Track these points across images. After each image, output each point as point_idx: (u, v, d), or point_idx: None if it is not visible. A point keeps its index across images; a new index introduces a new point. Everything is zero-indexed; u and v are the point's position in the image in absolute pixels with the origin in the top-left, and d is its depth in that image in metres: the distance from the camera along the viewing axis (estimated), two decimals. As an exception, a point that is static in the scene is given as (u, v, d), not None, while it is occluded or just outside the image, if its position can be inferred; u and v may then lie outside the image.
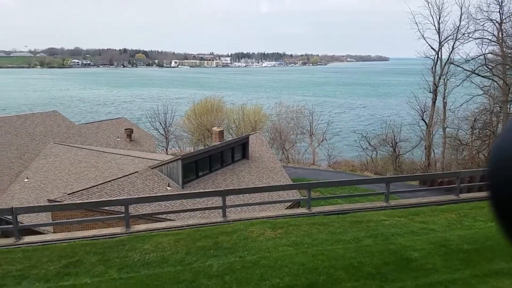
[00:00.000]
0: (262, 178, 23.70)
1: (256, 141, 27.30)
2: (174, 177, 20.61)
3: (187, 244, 8.80)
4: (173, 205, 17.73)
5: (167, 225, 10.33)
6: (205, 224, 10.15)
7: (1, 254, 8.60)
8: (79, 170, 26.00)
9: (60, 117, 36.22)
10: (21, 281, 7.47)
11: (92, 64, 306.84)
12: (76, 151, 28.67)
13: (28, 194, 25.30)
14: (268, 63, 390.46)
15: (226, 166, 23.23)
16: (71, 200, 16.84)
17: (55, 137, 32.52)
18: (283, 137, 47.55)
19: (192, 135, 48.42)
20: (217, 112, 47.17)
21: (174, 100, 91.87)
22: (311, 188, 12.09)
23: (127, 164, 24.95)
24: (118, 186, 19.13)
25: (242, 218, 10.56)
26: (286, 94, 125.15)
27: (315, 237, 9.46)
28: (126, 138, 36.31)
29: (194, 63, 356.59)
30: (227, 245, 8.83)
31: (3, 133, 30.63)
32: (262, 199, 17.36)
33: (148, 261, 8.05)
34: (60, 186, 24.75)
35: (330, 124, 52.08)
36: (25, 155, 29.58)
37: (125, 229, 9.80)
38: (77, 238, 9.42)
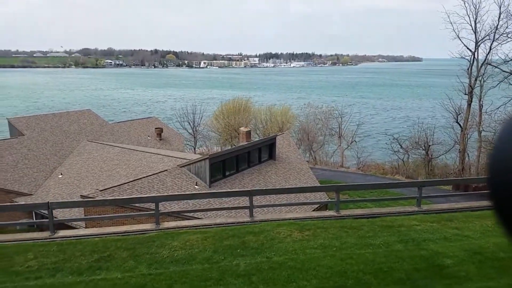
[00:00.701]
0: (289, 179, 23.60)
1: (283, 142, 27.21)
2: (201, 176, 20.86)
3: (214, 242, 8.86)
4: (201, 204, 17.94)
5: (195, 223, 10.45)
6: (232, 223, 10.20)
7: (37, 247, 8.95)
8: (111, 167, 26.76)
9: (94, 116, 37.44)
10: (55, 273, 7.74)
11: (124, 64, 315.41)
12: (109, 149, 29.52)
13: (62, 190, 26.27)
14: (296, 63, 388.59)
15: (253, 167, 23.29)
16: (103, 196, 17.35)
17: (88, 135, 33.63)
18: (311, 138, 47.13)
19: (220, 135, 48.84)
20: (244, 113, 47.36)
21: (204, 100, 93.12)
22: (339, 190, 11.90)
23: (156, 162, 25.46)
24: (148, 183, 19.55)
25: (269, 219, 10.54)
26: (315, 94, 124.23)
27: (343, 240, 9.31)
28: (156, 137, 37.09)
29: (222, 63, 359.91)
30: (254, 245, 8.83)
31: (40, 130, 31.99)
32: (289, 200, 17.29)
33: (176, 258, 8.17)
34: (93, 182, 25.56)
35: (360, 126, 51.11)
36: (60, 152, 30.75)
37: (155, 226, 9.99)
38: (109, 233, 9.69)
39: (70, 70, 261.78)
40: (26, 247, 8.90)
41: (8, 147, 28.92)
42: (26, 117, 34.44)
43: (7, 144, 29.20)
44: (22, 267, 8.02)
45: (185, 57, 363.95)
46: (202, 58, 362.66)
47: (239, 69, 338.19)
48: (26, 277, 7.64)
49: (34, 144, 30.26)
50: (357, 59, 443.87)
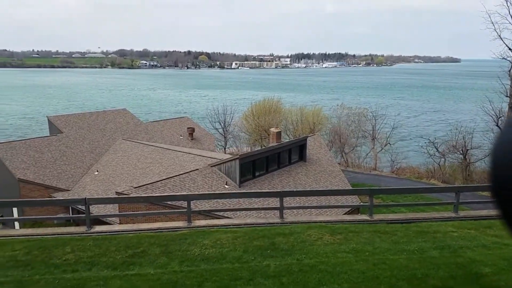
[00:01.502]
0: (320, 181, 23.33)
1: (314, 143, 26.95)
2: (231, 175, 21.00)
3: (244, 242, 8.88)
4: (230, 203, 18.05)
5: (225, 222, 10.53)
6: (262, 224, 10.19)
7: (74, 241, 9.29)
8: (145, 165, 27.45)
9: (129, 115, 38.55)
10: (91, 267, 8.01)
11: (159, 65, 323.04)
12: (143, 147, 30.30)
13: (98, 186, 27.20)
14: (329, 64, 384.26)
15: (283, 168, 23.20)
16: (136, 193, 17.81)
17: (123, 134, 34.65)
18: (343, 140, 46.32)
19: (250, 136, 48.99)
20: (275, 113, 47.21)
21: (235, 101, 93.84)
22: (373, 194, 11.64)
23: (188, 161, 25.88)
24: (180, 182, 19.90)
25: (300, 221, 10.45)
26: (349, 96, 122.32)
27: (376, 245, 9.10)
28: (188, 136, 37.71)
29: (253, 64, 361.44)
30: (284, 246, 8.78)
31: (77, 128, 33.28)
32: (319, 202, 17.08)
33: (207, 256, 8.25)
34: (127, 179, 26.31)
35: (395, 128, 49.66)
36: (96, 149, 31.86)
37: (187, 224, 10.14)
38: (142, 230, 9.92)
39: (107, 71, 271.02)
40: (64, 241, 9.26)
41: (47, 144, 30.26)
42: (65, 116, 35.93)
43: (47, 142, 30.57)
44: (60, 260, 8.35)
45: (217, 58, 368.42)
46: (233, 59, 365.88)
47: (270, 69, 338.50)
48: (64, 269, 7.94)
49: (72, 142, 31.50)
50: (392, 59, 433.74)
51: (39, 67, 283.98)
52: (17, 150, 28.33)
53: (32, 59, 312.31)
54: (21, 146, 28.96)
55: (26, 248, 8.86)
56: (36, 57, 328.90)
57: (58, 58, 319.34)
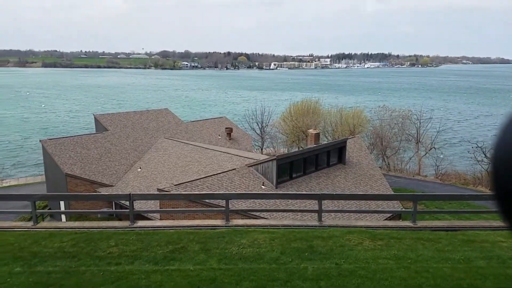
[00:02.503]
0: (359, 185, 22.80)
1: (354, 146, 26.39)
2: (268, 176, 21.00)
3: (282, 243, 8.85)
4: (267, 204, 18.06)
5: (263, 222, 10.53)
6: (300, 226, 10.10)
7: (118, 235, 9.66)
8: (184, 164, 28.08)
9: (171, 115, 39.60)
10: (134, 261, 8.28)
11: (199, 66, 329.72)
12: (183, 146, 31.01)
13: (140, 183, 28.14)
14: (371, 64, 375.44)
15: (320, 170, 22.90)
16: (176, 190, 18.24)
17: (165, 133, 35.63)
18: (385, 143, 44.91)
19: (287, 137, 48.74)
20: (313, 114, 46.62)
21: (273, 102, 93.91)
22: (417, 200, 11.20)
23: (226, 161, 26.18)
24: (217, 181, 20.17)
25: (339, 225, 10.26)
26: (393, 97, 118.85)
27: (419, 252, 8.77)
28: (226, 136, 38.15)
29: (292, 65, 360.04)
30: (322, 250, 8.66)
31: (122, 127, 34.60)
32: (359, 207, 16.69)
33: (245, 255, 8.30)
34: (168, 177, 27.03)
35: (441, 132, 47.49)
36: (139, 147, 32.97)
37: (225, 222, 10.25)
38: (182, 226, 10.14)
39: (150, 71, 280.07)
40: (109, 235, 9.65)
41: (94, 141, 31.69)
42: (110, 114, 37.47)
43: (93, 139, 32.02)
44: (104, 252, 8.70)
45: (256, 58, 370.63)
46: (272, 60, 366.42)
47: (309, 70, 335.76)
48: (108, 262, 8.27)
49: (116, 139, 32.80)
50: (438, 60, 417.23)
51: (86, 67, 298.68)
52: (66, 146, 29.88)
53: (80, 59, 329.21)
54: (69, 142, 30.52)
55: (73, 240, 9.32)
56: (84, 57, 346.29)
57: (104, 58, 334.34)
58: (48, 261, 8.29)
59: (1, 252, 8.81)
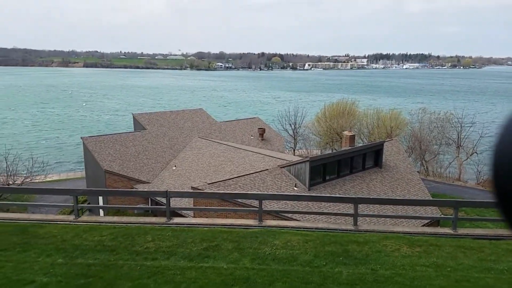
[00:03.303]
0: (396, 190, 22.16)
1: (392, 149, 25.69)
2: (301, 178, 20.83)
3: (316, 246, 8.75)
4: (299, 205, 17.94)
5: (296, 224, 10.45)
6: (335, 229, 9.94)
7: (155, 231, 9.89)
8: (218, 163, 28.41)
9: (205, 115, 40.22)
10: (169, 256, 8.46)
11: (233, 67, 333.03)
12: (216, 146, 31.40)
13: (175, 180, 28.74)
14: (410, 65, 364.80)
15: (355, 173, 22.45)
16: (210, 189, 18.49)
17: (199, 132, 36.23)
18: (423, 147, 43.28)
19: (321, 138, 48.14)
20: (348, 116, 45.74)
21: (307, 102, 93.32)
22: (459, 206, 10.74)
23: (258, 161, 26.24)
24: (250, 181, 20.26)
25: (375, 230, 10.01)
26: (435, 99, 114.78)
27: (460, 261, 8.40)
28: (258, 136, 38.25)
29: (327, 65, 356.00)
30: (358, 255, 8.48)
31: (159, 126, 35.50)
32: (395, 212, 16.20)
33: (278, 256, 8.27)
34: (201, 175, 27.45)
35: (484, 137, 45.29)
36: (174, 146, 33.69)
37: (258, 222, 10.27)
38: (216, 224, 10.25)
39: (185, 72, 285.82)
40: (146, 230, 9.91)
41: (132, 139, 32.71)
42: (148, 113, 38.56)
43: (131, 137, 33.06)
44: (141, 247, 8.94)
45: (290, 59, 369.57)
46: (307, 60, 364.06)
47: (345, 70, 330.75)
48: (145, 257, 8.49)
49: (153, 138, 33.69)
50: (481, 61, 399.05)
51: (125, 67, 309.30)
52: (105, 144, 31.02)
53: (119, 60, 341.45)
54: (109, 140, 31.66)
55: (112, 235, 9.65)
56: (123, 58, 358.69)
57: (143, 59, 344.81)
58: (88, 253, 8.63)
59: (45, 243, 9.25)
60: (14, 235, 9.71)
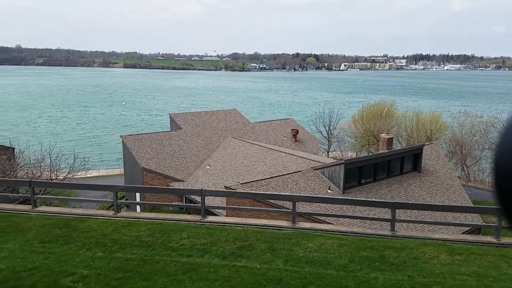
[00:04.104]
0: (435, 195, 21.35)
1: (431, 153, 24.79)
2: (335, 180, 20.52)
3: (350, 251, 8.59)
4: (333, 209, 17.65)
5: (331, 228, 10.31)
6: (371, 234, 9.72)
7: (190, 228, 10.08)
8: (250, 163, 28.55)
9: (239, 115, 40.53)
10: (204, 254, 8.59)
11: (267, 68, 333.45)
12: (249, 146, 31.55)
13: (209, 179, 29.15)
14: (451, 66, 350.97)
15: (392, 177, 21.83)
16: (243, 189, 18.59)
17: (233, 132, 36.55)
18: (465, 152, 41.39)
19: (356, 140, 47.21)
20: (386, 118, 44.55)
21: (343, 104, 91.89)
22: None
23: (291, 162, 26.12)
24: (282, 182, 20.19)
25: (413, 236, 9.70)
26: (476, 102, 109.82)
27: (503, 271, 7.99)
28: (291, 138, 38.07)
29: (364, 65, 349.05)
30: (394, 261, 8.25)
31: (194, 125, 36.14)
32: (434, 218, 15.64)
33: (311, 259, 8.19)
34: (234, 175, 27.67)
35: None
36: (208, 145, 34.18)
37: (291, 224, 10.22)
38: (249, 224, 10.30)
39: (220, 73, 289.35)
40: (181, 227, 10.12)
41: (168, 138, 33.50)
42: (184, 113, 39.36)
43: (168, 136, 33.87)
44: (177, 244, 9.14)
45: (325, 59, 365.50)
46: (343, 61, 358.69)
47: (383, 71, 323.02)
48: (180, 253, 8.67)
49: (188, 137, 34.35)
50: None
51: (163, 68, 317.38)
52: (143, 142, 31.96)
53: (157, 61, 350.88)
54: (147, 138, 32.60)
55: (149, 230, 9.92)
56: (161, 59, 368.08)
57: (179, 60, 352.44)
58: (127, 248, 8.91)
59: (85, 237, 9.65)
60: (57, 228, 10.20)
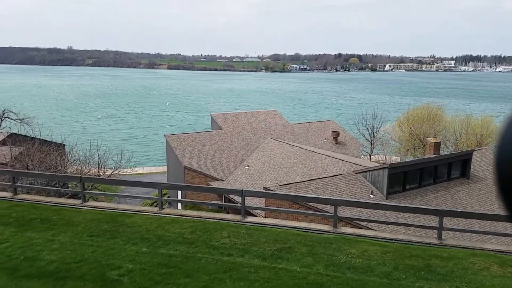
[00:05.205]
0: (485, 203, 20.20)
1: (481, 159, 23.50)
2: (378, 185, 19.95)
3: (395, 258, 8.32)
4: (375, 214, 17.16)
5: (374, 234, 10.03)
6: (417, 242, 9.35)
7: (230, 228, 10.20)
8: (289, 165, 28.42)
9: (278, 116, 40.50)
10: (243, 254, 8.65)
11: (308, 68, 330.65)
12: (288, 147, 31.42)
13: (247, 180, 29.34)
14: (504, 68, 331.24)
15: (439, 183, 20.89)
16: (281, 191, 18.52)
17: (272, 133, 36.56)
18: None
19: (401, 144, 45.63)
20: (434, 121, 42.69)
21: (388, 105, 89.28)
22: None
23: (331, 165, 25.70)
24: (322, 185, 19.90)
25: (462, 245, 9.23)
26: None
27: None
28: (332, 140, 37.48)
29: (410, 66, 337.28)
30: (441, 270, 7.90)
31: (234, 126, 36.54)
32: (483, 227, 14.82)
33: (354, 265, 8.02)
34: (272, 176, 27.67)
35: None
36: (248, 146, 34.42)
37: (332, 229, 10.05)
38: (289, 226, 10.25)
39: (261, 74, 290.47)
40: (222, 226, 10.26)
41: (209, 138, 34.11)
42: (224, 114, 39.92)
43: (209, 136, 34.48)
44: (218, 242, 9.27)
45: (369, 60, 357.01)
46: (387, 61, 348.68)
47: (430, 72, 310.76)
48: (221, 252, 8.79)
49: (228, 138, 34.78)
50: None
51: (205, 69, 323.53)
52: (185, 142, 32.76)
53: (200, 63, 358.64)
54: (189, 138, 33.39)
55: (191, 228, 10.14)
56: (204, 60, 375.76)
57: (221, 62, 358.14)
58: (170, 244, 9.16)
59: (131, 232, 10.02)
60: (105, 223, 10.67)
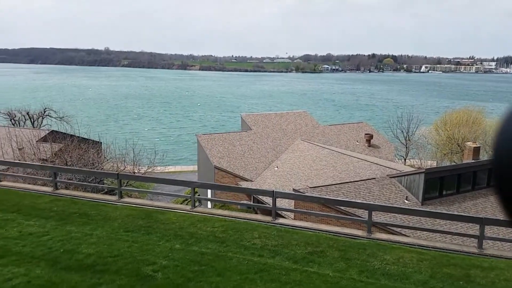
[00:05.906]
0: (527, 212, 19.16)
1: (524, 166, 22.29)
2: (413, 190, 19.36)
3: (432, 266, 8.03)
4: (410, 220, 16.65)
5: (410, 240, 9.73)
6: (455, 251, 8.98)
7: (261, 228, 10.18)
8: (319, 167, 28.09)
9: (308, 117, 40.15)
10: (274, 255, 8.61)
11: (340, 69, 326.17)
12: (318, 149, 31.07)
13: (276, 181, 29.25)
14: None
15: (478, 190, 20.02)
16: (311, 193, 18.32)
17: (302, 135, 36.29)
18: None
19: (438, 149, 44.12)
20: (473, 125, 41.02)
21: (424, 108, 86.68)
22: None
23: (363, 168, 25.19)
24: (354, 189, 19.54)
25: (503, 256, 8.78)
26: None
27: None
28: (365, 142, 36.75)
29: (448, 68, 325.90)
30: (481, 281, 7.55)
31: (263, 127, 36.55)
32: (527, 237, 14.02)
33: (388, 272, 7.80)
34: (302, 178, 27.43)
35: None
36: (277, 147, 34.33)
37: (366, 234, 9.83)
38: (321, 230, 10.11)
39: (292, 75, 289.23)
40: (253, 226, 10.26)
41: (239, 138, 34.30)
42: (254, 114, 40.03)
43: (238, 136, 34.68)
44: (249, 242, 9.28)
45: (404, 61, 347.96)
46: (423, 62, 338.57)
47: (469, 74, 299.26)
48: (252, 252, 8.78)
49: (258, 138, 34.82)
50: None
51: (236, 70, 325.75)
52: (216, 142, 33.10)
53: (230, 64, 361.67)
54: (219, 138, 33.72)
55: (222, 227, 10.20)
56: (234, 61, 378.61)
57: (251, 63, 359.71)
58: (202, 242, 9.25)
59: (165, 229, 10.20)
60: (140, 219, 10.92)
